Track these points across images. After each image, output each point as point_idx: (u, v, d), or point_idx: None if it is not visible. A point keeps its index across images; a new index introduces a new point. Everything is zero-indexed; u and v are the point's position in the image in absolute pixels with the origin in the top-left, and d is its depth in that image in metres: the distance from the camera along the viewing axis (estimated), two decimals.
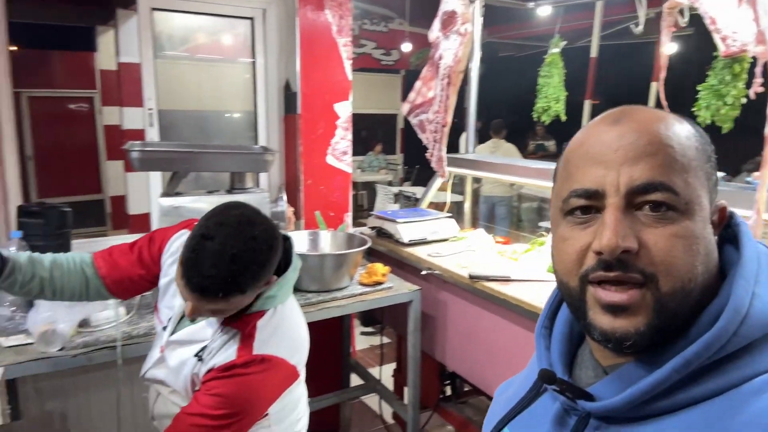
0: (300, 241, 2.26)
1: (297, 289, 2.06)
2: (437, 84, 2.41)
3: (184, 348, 1.20)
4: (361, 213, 9.24)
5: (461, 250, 2.40)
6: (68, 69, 6.80)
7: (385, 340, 2.89)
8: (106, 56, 6.04)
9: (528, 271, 2.10)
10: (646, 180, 0.51)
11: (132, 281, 1.29)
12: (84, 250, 1.40)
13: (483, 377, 2.14)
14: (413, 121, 2.58)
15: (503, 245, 2.62)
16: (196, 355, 1.17)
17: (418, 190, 7.32)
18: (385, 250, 2.55)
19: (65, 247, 1.99)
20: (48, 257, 1.24)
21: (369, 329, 4.03)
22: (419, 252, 2.39)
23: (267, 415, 1.21)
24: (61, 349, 1.61)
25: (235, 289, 1.06)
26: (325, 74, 2.52)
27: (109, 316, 1.80)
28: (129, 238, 1.43)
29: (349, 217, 2.69)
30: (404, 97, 2.69)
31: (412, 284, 2.22)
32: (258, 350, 1.13)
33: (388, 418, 2.84)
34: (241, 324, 1.16)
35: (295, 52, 2.47)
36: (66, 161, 6.88)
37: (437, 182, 3.08)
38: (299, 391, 1.35)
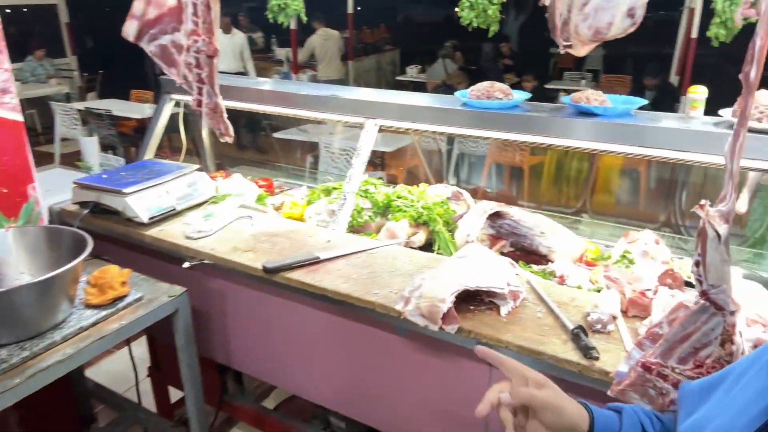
0: None
1: None
2: None
3: None
4: (37, 139, 7.12)
5: (229, 218, 1.76)
6: None
7: None
8: None
9: (336, 239, 1.64)
10: None
11: None
12: None
13: (286, 376, 1.69)
14: (150, 48, 1.60)
15: (272, 196, 2.09)
16: None
17: (112, 105, 5.92)
18: (113, 234, 1.73)
19: None
20: None
21: None
22: (171, 231, 1.67)
23: None
24: None
25: None
26: None
27: None
28: None
29: (35, 189, 1.74)
30: None
31: (170, 284, 1.53)
32: None
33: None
34: None
35: None
36: None
37: (167, 107, 2.27)
38: None
